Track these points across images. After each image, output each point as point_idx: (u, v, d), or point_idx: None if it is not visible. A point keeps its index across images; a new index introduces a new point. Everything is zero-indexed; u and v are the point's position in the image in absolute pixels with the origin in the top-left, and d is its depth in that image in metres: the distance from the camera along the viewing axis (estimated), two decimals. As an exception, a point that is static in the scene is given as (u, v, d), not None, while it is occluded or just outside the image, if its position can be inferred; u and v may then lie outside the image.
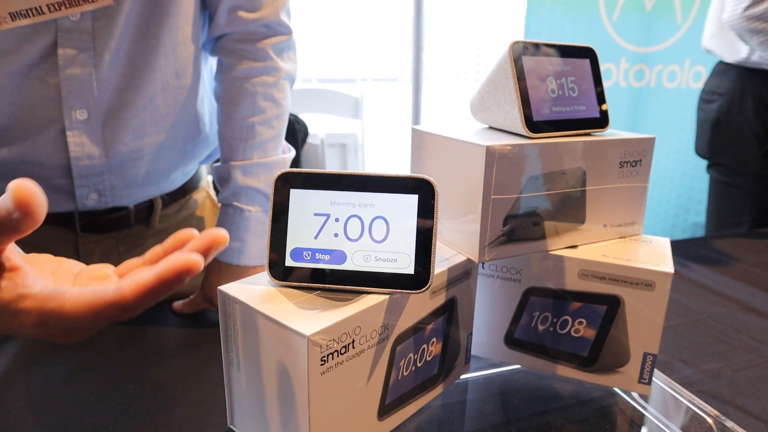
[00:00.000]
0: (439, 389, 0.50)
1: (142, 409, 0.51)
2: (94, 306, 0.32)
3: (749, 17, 1.18)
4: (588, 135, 0.51)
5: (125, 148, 0.64)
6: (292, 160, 0.71)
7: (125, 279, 0.33)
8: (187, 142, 0.71)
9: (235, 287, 0.41)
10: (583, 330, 0.51)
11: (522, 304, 0.53)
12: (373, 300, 0.39)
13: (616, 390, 0.56)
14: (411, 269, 0.39)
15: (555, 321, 0.52)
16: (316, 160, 2.37)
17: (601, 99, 0.53)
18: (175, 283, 0.31)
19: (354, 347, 0.38)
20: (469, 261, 0.49)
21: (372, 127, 2.83)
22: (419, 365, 0.46)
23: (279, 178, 0.40)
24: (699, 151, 1.42)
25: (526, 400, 0.54)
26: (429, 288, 0.39)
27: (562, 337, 0.52)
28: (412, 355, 0.45)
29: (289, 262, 0.40)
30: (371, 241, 0.40)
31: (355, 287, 0.40)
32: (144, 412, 0.51)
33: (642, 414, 0.53)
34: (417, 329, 0.44)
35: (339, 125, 2.58)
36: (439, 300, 0.46)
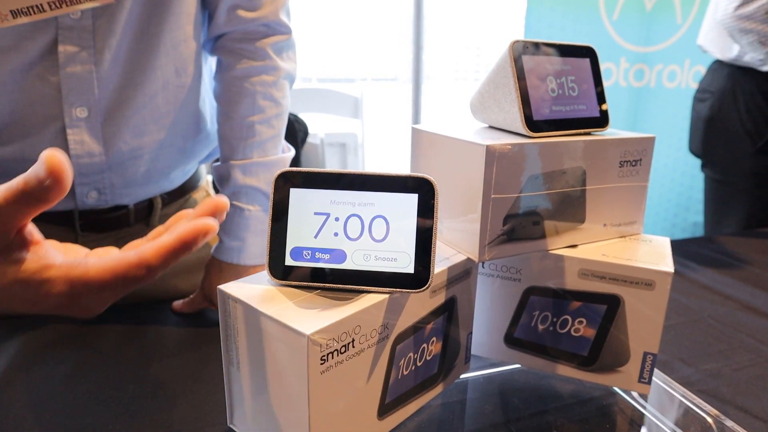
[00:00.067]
0: (438, 388, 0.50)
1: (142, 408, 0.51)
2: (118, 269, 0.33)
3: (739, 17, 1.19)
4: (588, 134, 0.51)
5: (125, 146, 0.64)
6: (292, 159, 0.71)
7: (145, 245, 0.34)
8: (187, 141, 0.71)
9: (235, 286, 0.41)
10: (583, 329, 0.51)
11: (522, 303, 0.53)
12: (372, 299, 0.39)
13: (616, 389, 0.56)
14: (411, 268, 0.39)
15: (555, 320, 0.52)
16: (316, 159, 2.37)
17: (601, 98, 0.53)
18: (193, 244, 0.33)
19: (354, 346, 0.38)
20: (469, 260, 0.49)
21: (372, 126, 2.82)
22: (419, 364, 0.46)
23: (279, 177, 0.40)
24: (692, 149, 1.42)
25: (526, 400, 0.54)
26: (429, 287, 0.39)
27: (562, 337, 0.52)
28: (412, 354, 0.45)
29: (288, 261, 0.40)
30: (371, 240, 0.40)
31: (355, 286, 0.40)
32: (144, 412, 0.51)
33: (642, 413, 0.53)
34: (417, 328, 0.44)
35: (339, 125, 2.58)
36: (439, 299, 0.46)
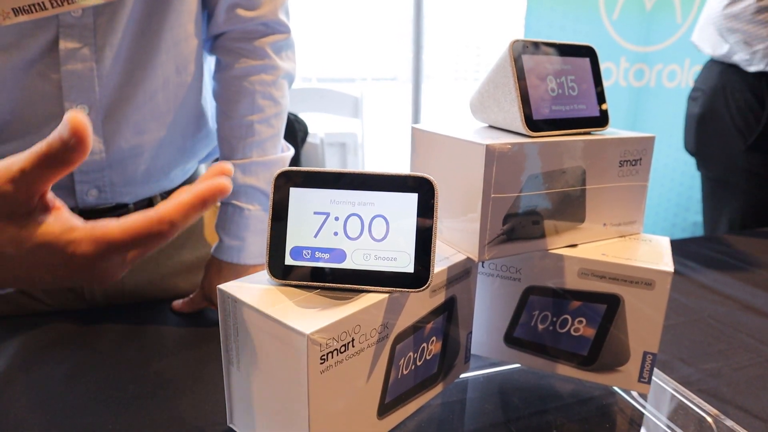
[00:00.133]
0: (438, 388, 0.50)
1: (142, 408, 0.51)
2: (140, 226, 0.33)
3: (727, 15, 1.19)
4: (588, 134, 0.51)
5: (125, 144, 0.64)
6: (292, 159, 0.71)
7: (164, 203, 0.34)
8: (187, 140, 0.71)
9: (235, 286, 0.41)
10: (582, 329, 0.51)
11: (522, 303, 0.53)
12: (372, 299, 0.39)
13: (616, 389, 0.56)
14: (411, 268, 0.39)
15: (555, 320, 0.52)
16: (315, 159, 2.37)
17: (601, 98, 0.53)
18: (210, 201, 0.34)
19: (353, 346, 0.38)
20: (468, 260, 0.49)
21: (372, 126, 2.82)
22: (419, 364, 0.46)
23: (279, 176, 0.40)
24: (687, 147, 1.43)
25: (525, 399, 0.54)
26: (429, 287, 0.39)
27: (562, 336, 0.52)
28: (411, 353, 0.45)
29: (288, 260, 0.40)
30: (371, 239, 0.40)
31: (355, 286, 0.40)
32: (144, 412, 0.51)
33: (641, 413, 0.53)
34: (417, 328, 0.44)
35: (339, 124, 2.58)
36: (439, 299, 0.46)
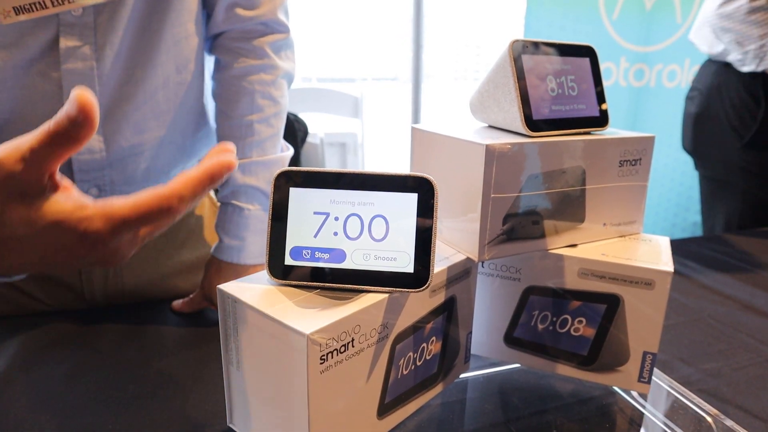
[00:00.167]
0: (438, 388, 0.50)
1: (142, 408, 0.51)
2: (151, 201, 0.34)
3: (721, 15, 1.20)
4: (588, 134, 0.51)
5: (126, 142, 0.64)
6: (292, 159, 0.71)
7: (172, 180, 0.35)
8: (186, 139, 0.71)
9: (235, 286, 0.41)
10: (582, 329, 0.51)
11: (522, 302, 0.53)
12: (372, 299, 0.39)
13: (616, 389, 0.56)
14: (410, 268, 0.39)
15: (554, 320, 0.52)
16: (315, 159, 2.37)
17: (600, 98, 0.53)
18: (217, 176, 0.35)
19: (353, 346, 0.38)
20: (468, 260, 0.49)
21: (372, 126, 2.82)
22: (419, 364, 0.46)
23: (279, 176, 0.40)
24: (685, 146, 1.44)
25: (525, 399, 0.54)
26: (428, 287, 0.39)
27: (562, 336, 0.52)
28: (411, 353, 0.45)
29: (288, 260, 0.40)
30: (371, 239, 0.40)
31: (355, 286, 0.40)
32: (144, 412, 0.51)
33: (641, 413, 0.53)
34: (416, 328, 0.44)
35: (339, 124, 2.58)
36: (439, 299, 0.46)
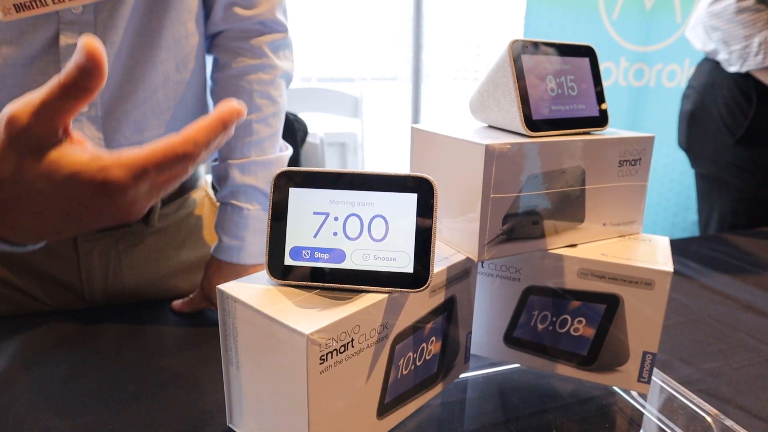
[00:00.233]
0: (438, 388, 0.50)
1: (142, 408, 0.51)
2: (165, 147, 0.34)
3: (710, 13, 1.20)
4: (587, 134, 0.51)
5: (125, 141, 0.64)
6: (292, 159, 0.71)
7: (184, 128, 0.35)
8: None
9: (234, 286, 0.41)
10: (582, 329, 0.51)
11: (521, 302, 0.53)
12: (372, 299, 0.39)
13: (616, 389, 0.56)
14: (410, 268, 0.39)
15: (554, 320, 0.52)
16: (315, 159, 2.37)
17: (600, 98, 0.53)
18: (228, 122, 0.35)
19: (353, 346, 0.38)
20: (468, 260, 0.49)
21: (371, 126, 2.82)
22: (418, 364, 0.46)
23: (278, 176, 0.40)
24: (680, 143, 1.46)
25: (525, 399, 0.54)
26: (428, 287, 0.39)
27: (562, 336, 0.52)
28: (411, 353, 0.45)
29: (288, 260, 0.40)
30: (370, 239, 0.40)
31: (354, 286, 0.40)
32: (144, 412, 0.51)
33: (641, 413, 0.53)
34: (416, 328, 0.44)
35: (338, 124, 2.58)
36: (439, 299, 0.46)
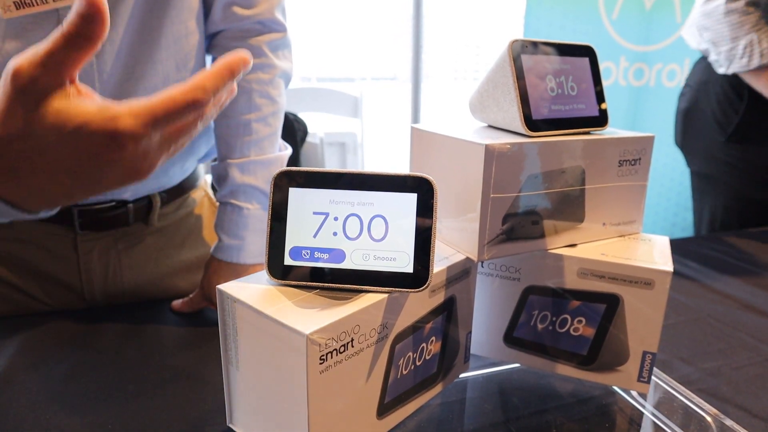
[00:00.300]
0: (438, 388, 0.50)
1: (142, 408, 0.51)
2: (174, 95, 0.34)
3: (702, 13, 1.21)
4: (587, 134, 0.51)
5: None
6: (292, 159, 0.71)
7: (194, 75, 0.35)
8: None
9: (234, 286, 0.41)
10: (582, 328, 0.51)
11: (521, 302, 0.53)
12: (372, 299, 0.39)
13: (616, 388, 0.56)
14: (410, 268, 0.39)
15: (554, 320, 0.52)
16: (315, 159, 2.37)
17: (600, 98, 0.53)
18: (236, 70, 0.35)
19: (353, 346, 0.38)
20: (468, 260, 0.49)
21: (371, 126, 2.82)
22: (418, 364, 0.46)
23: (278, 176, 0.40)
24: (676, 140, 1.48)
25: (525, 399, 0.54)
26: (428, 287, 0.39)
27: (562, 336, 0.52)
28: (411, 353, 0.45)
29: (288, 260, 0.40)
30: (370, 239, 0.40)
31: (354, 286, 0.40)
32: (144, 411, 0.51)
33: (641, 412, 0.53)
34: (416, 328, 0.44)
35: (338, 124, 2.58)
36: (438, 299, 0.46)
